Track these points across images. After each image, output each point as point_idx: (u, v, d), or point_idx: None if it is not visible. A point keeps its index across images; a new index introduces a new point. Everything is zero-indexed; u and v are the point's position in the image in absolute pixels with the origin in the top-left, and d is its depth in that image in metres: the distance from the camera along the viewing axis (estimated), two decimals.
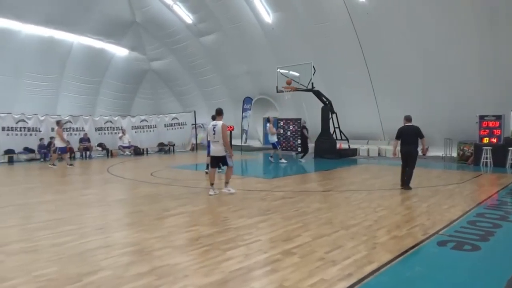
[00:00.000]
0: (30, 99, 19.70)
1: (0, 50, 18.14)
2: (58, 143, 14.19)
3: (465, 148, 14.94)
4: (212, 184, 8.36)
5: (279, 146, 14.25)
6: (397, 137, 8.90)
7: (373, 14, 15.94)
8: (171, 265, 4.05)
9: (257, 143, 24.29)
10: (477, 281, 3.81)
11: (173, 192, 8.64)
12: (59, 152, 14.50)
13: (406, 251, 4.52)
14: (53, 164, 14.31)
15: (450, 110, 15.68)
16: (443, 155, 16.03)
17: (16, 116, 16.89)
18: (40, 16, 18.68)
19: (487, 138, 14.08)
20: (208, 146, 8.99)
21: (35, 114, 17.59)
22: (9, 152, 16.26)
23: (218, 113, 8.48)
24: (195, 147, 23.13)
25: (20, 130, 16.99)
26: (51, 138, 17.47)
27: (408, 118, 8.91)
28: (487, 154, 13.77)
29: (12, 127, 16.67)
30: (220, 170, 11.13)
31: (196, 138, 23.55)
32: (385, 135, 18.98)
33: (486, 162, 13.72)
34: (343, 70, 18.26)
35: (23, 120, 17.11)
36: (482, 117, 14.24)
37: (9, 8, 17.45)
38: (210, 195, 8.16)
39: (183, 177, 11.45)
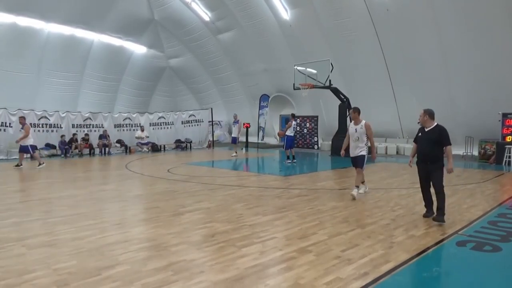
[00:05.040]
0: (51, 96, 20.15)
1: (23, 48, 18.59)
2: (29, 141, 12.67)
3: (486, 147, 14.58)
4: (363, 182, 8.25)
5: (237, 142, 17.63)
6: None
7: (392, 10, 15.67)
8: (187, 261, 4.09)
9: (273, 141, 24.26)
10: (497, 282, 3.72)
11: (190, 189, 8.71)
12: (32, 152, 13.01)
13: (424, 251, 4.45)
14: (20, 165, 12.69)
15: (471, 108, 15.32)
16: (464, 153, 15.68)
17: (38, 113, 17.29)
18: (62, 15, 19.06)
19: (510, 137, 13.71)
20: None
21: (57, 111, 17.99)
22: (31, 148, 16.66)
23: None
24: (212, 144, 23.26)
25: (42, 127, 17.40)
26: (74, 134, 17.94)
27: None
28: (509, 153, 13.41)
29: (34, 124, 17.06)
30: (289, 162, 13.76)
31: (213, 135, 23.68)
32: (404, 133, 18.68)
33: (509, 161, 13.36)
34: (362, 67, 18.04)
35: (45, 117, 17.51)
36: (505, 115, 13.89)
37: (33, 7, 17.85)
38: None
39: (200, 174, 11.53)
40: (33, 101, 18.92)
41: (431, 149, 5.82)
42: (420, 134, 6.10)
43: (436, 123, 5.90)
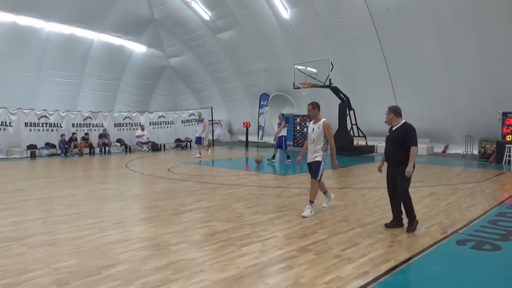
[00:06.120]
0: (51, 96, 20.17)
1: (23, 47, 18.60)
2: None
3: (487, 146, 14.58)
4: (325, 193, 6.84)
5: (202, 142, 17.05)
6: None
7: (393, 9, 15.66)
8: (187, 260, 4.09)
9: (273, 140, 24.26)
10: (497, 281, 3.72)
11: (189, 188, 8.71)
12: None
13: (424, 250, 4.45)
14: None
15: (471, 107, 15.32)
16: (464, 152, 15.68)
17: (38, 112, 17.30)
18: (62, 14, 19.07)
19: (510, 136, 13.71)
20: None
21: (57, 110, 17.99)
22: (31, 147, 16.68)
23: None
24: (212, 143, 23.25)
25: (42, 126, 17.41)
26: (73, 133, 17.94)
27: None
28: (510, 152, 13.40)
29: (34, 123, 17.10)
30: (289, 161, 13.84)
31: (213, 134, 23.67)
32: None
33: (509, 160, 13.36)
34: (362, 66, 18.05)
35: (45, 116, 17.52)
36: (505, 114, 13.88)
37: (33, 7, 17.85)
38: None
39: (200, 173, 11.53)
40: (33, 100, 18.94)
41: (396, 150, 5.19)
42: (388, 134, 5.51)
43: (403, 121, 5.39)
